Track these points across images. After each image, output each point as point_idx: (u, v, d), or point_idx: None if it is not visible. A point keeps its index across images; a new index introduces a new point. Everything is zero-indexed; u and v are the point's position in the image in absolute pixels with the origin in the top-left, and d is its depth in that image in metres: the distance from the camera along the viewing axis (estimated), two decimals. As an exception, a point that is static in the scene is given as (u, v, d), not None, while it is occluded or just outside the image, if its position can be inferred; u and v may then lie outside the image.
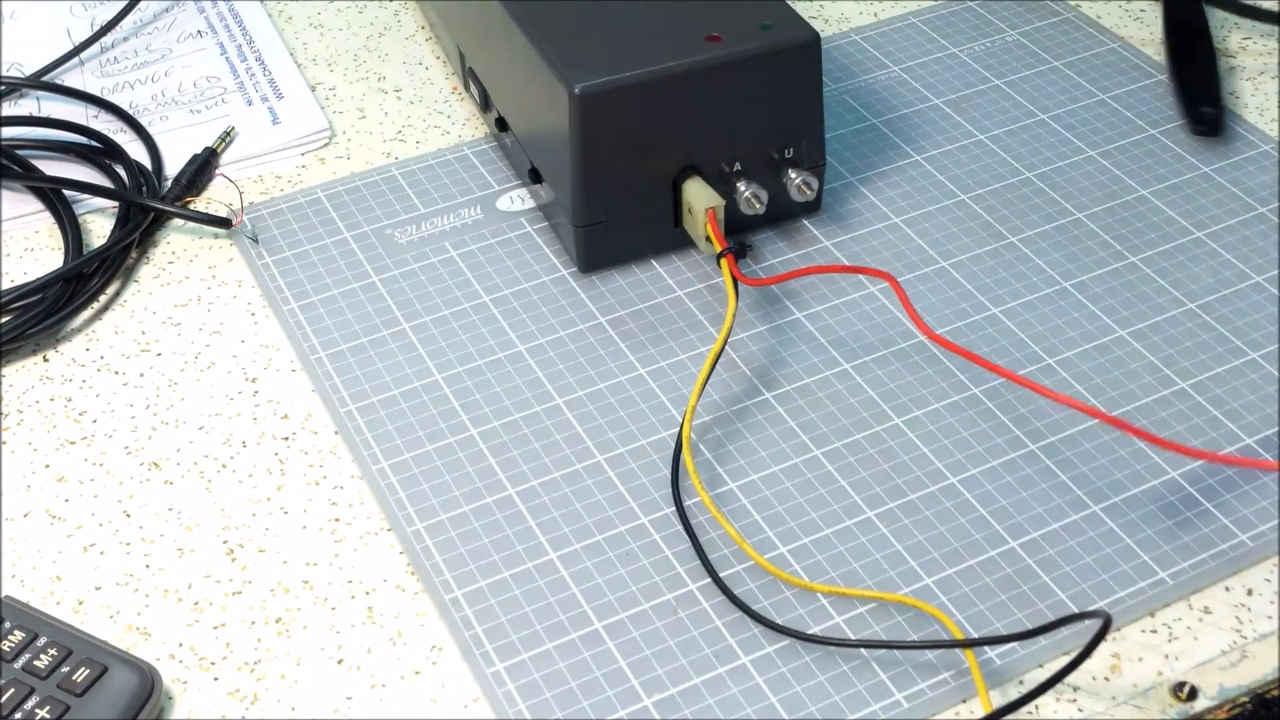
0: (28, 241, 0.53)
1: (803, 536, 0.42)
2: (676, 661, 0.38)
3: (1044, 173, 0.55)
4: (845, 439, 0.44)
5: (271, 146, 0.57)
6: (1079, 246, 0.51)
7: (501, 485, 0.43)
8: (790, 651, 0.39)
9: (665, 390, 0.46)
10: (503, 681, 0.38)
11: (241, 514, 0.43)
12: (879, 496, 0.43)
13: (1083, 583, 0.40)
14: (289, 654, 0.39)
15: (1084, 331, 0.48)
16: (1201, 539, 0.41)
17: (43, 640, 0.37)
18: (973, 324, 0.48)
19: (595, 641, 0.39)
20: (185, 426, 0.46)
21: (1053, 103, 0.58)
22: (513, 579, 0.41)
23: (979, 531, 0.42)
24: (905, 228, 0.52)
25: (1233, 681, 0.38)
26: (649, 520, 0.42)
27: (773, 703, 0.38)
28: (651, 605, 0.40)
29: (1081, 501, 0.42)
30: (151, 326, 0.50)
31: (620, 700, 0.38)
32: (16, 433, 0.46)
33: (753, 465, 0.44)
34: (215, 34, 0.63)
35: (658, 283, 0.50)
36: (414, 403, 0.46)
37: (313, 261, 0.52)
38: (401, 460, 0.44)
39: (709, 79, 0.47)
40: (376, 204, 0.54)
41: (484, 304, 0.50)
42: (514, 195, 0.54)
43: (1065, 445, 0.44)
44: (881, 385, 0.46)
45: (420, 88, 0.60)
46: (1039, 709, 0.37)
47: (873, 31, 0.62)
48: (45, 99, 0.59)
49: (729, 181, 0.49)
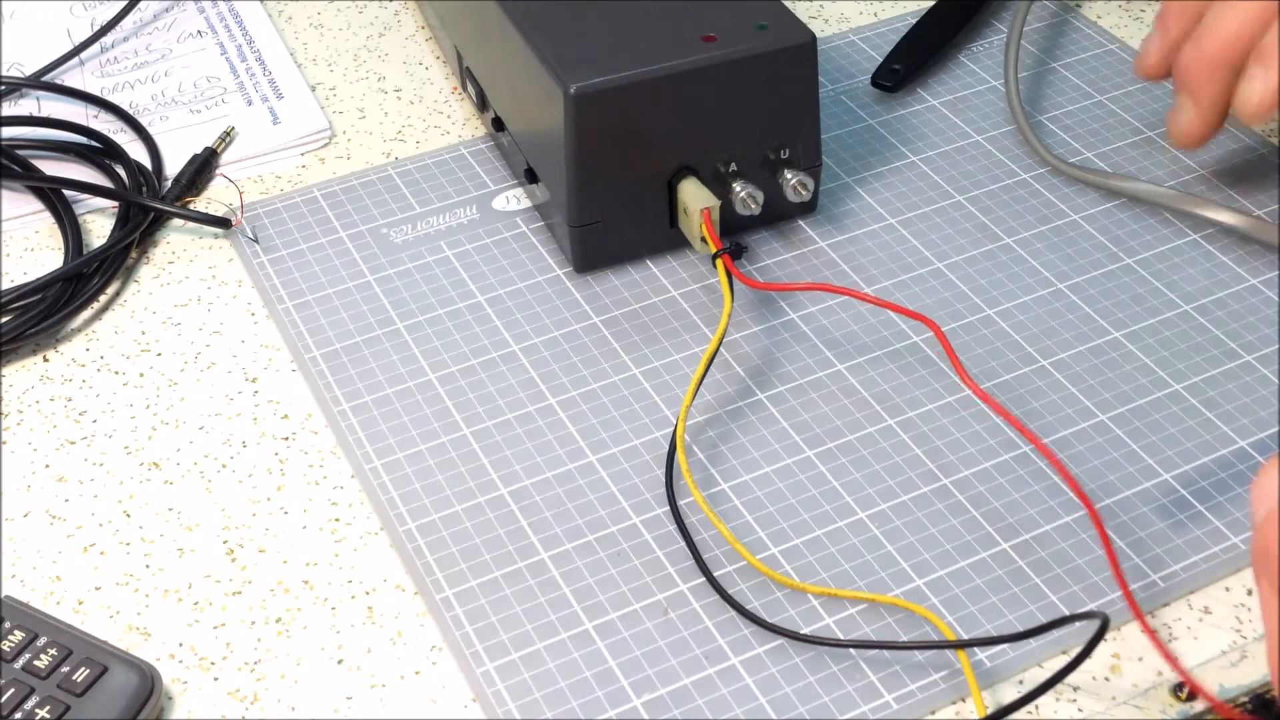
0: (28, 241, 0.54)
1: (795, 537, 0.42)
2: (667, 662, 0.39)
3: (1040, 174, 0.55)
4: (838, 439, 0.45)
5: (271, 146, 0.57)
6: (1074, 248, 0.52)
7: (494, 485, 0.44)
8: (780, 652, 0.39)
9: (659, 390, 0.47)
10: (493, 681, 0.38)
11: (241, 514, 0.43)
12: (871, 498, 0.43)
13: (1074, 584, 0.40)
14: (289, 654, 0.39)
15: (1078, 333, 0.48)
16: (1194, 541, 0.41)
17: (43, 640, 0.38)
18: (967, 325, 0.49)
19: (586, 641, 0.39)
20: (185, 426, 0.46)
21: (1050, 104, 0.58)
22: (504, 579, 0.41)
23: (972, 533, 0.42)
24: (900, 228, 0.53)
25: (1233, 681, 0.38)
26: (641, 520, 0.42)
27: (762, 703, 0.38)
28: (642, 605, 0.40)
29: (1074, 504, 0.43)
30: (151, 326, 0.50)
31: (610, 700, 0.38)
32: (16, 433, 0.46)
33: (746, 465, 0.44)
34: (215, 34, 0.64)
35: (652, 283, 0.51)
36: (408, 402, 0.46)
37: (308, 261, 0.52)
38: (394, 460, 0.44)
39: (705, 79, 0.48)
40: (373, 204, 0.54)
41: (479, 304, 0.50)
42: (510, 195, 0.54)
43: (1059, 446, 0.44)
44: (875, 386, 0.46)
45: (420, 88, 0.60)
46: (1039, 709, 0.38)
47: (871, 31, 0.62)
48: (45, 99, 0.60)
49: (724, 182, 0.49)
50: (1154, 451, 0.44)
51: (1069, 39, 0.62)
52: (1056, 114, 0.57)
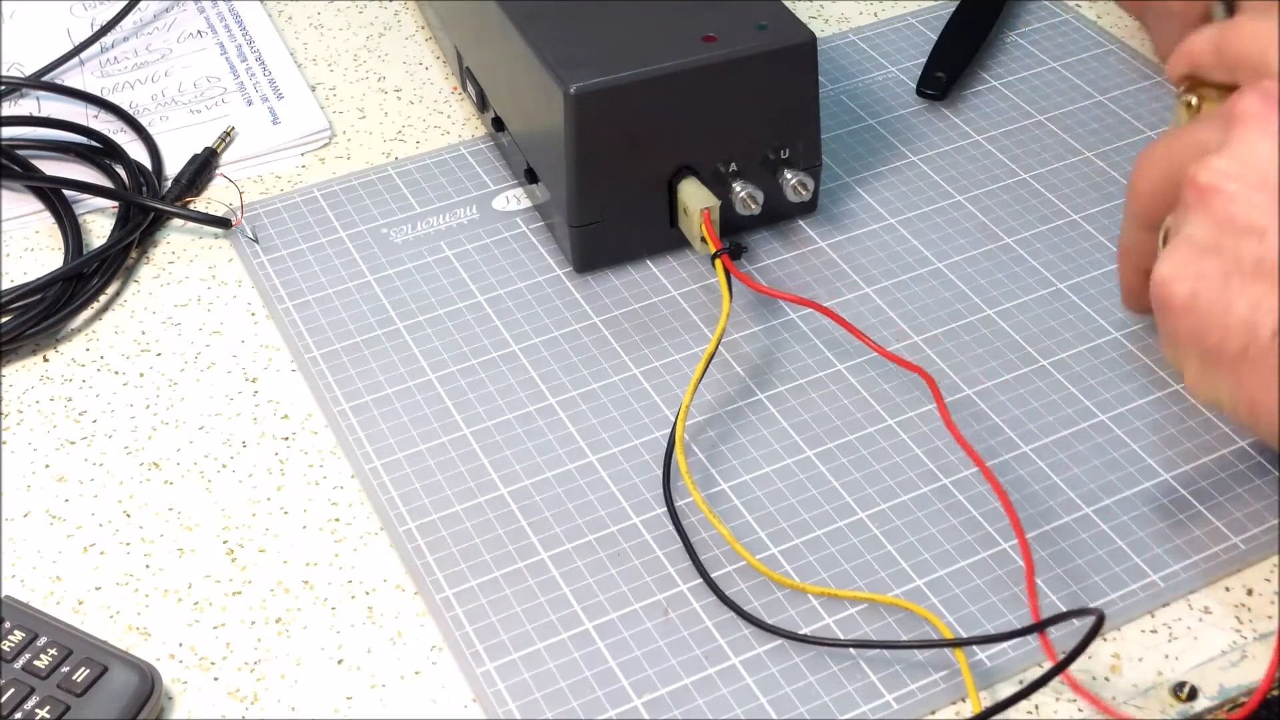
0: (28, 241, 0.54)
1: (794, 537, 0.42)
2: (667, 662, 0.39)
3: (1040, 174, 0.55)
4: (837, 440, 0.45)
5: (271, 146, 0.57)
6: (1074, 248, 0.52)
7: (494, 485, 0.44)
8: (780, 652, 0.39)
9: (659, 390, 0.47)
10: (493, 681, 0.38)
11: (241, 514, 0.43)
12: (871, 498, 0.43)
13: (1074, 584, 0.40)
14: (289, 654, 0.39)
15: (1078, 333, 0.48)
16: (1194, 541, 0.41)
17: (43, 640, 0.38)
18: (967, 325, 0.49)
19: (586, 641, 0.39)
20: (185, 426, 0.46)
21: (1050, 104, 0.58)
22: (504, 579, 0.41)
23: (971, 533, 0.42)
24: (901, 228, 0.53)
25: (1233, 681, 0.38)
26: (641, 520, 0.42)
27: (763, 703, 0.38)
28: (642, 605, 0.40)
29: (1074, 504, 0.43)
30: (151, 326, 0.50)
31: (610, 700, 0.38)
32: (16, 433, 0.46)
33: (745, 465, 0.44)
34: (215, 34, 0.64)
35: (652, 283, 0.51)
36: (408, 402, 0.46)
37: (309, 261, 0.52)
38: (394, 459, 0.44)
39: (705, 79, 0.48)
40: (373, 204, 0.54)
41: (479, 304, 0.50)
42: (510, 195, 0.54)
43: (1060, 447, 0.44)
44: (875, 386, 0.46)
45: (420, 88, 0.60)
46: (1039, 709, 0.38)
47: (871, 31, 0.62)
48: (45, 99, 0.60)
49: (724, 182, 0.49)
50: (1154, 451, 0.44)
51: (1069, 39, 0.62)
52: (1057, 114, 0.57)
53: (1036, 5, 0.63)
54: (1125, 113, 0.57)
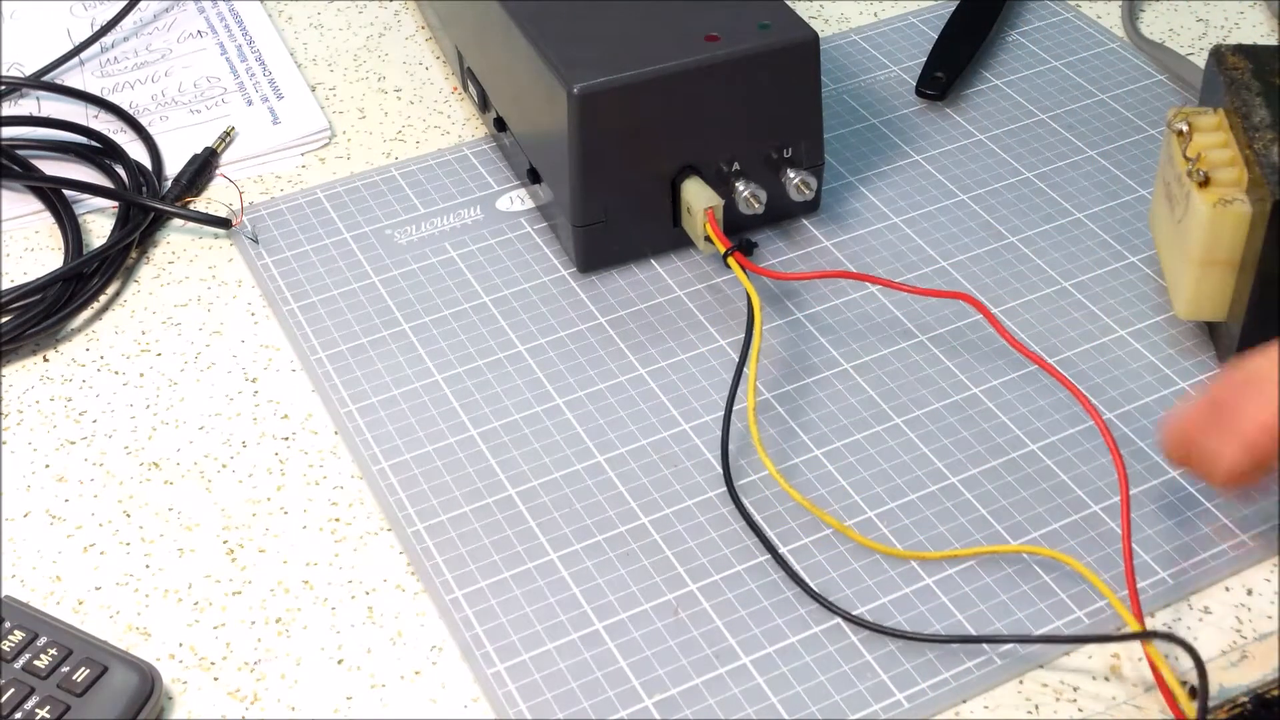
0: (28, 241, 0.53)
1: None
2: (677, 662, 0.39)
3: (1043, 173, 0.55)
4: (845, 439, 0.44)
5: (271, 146, 0.57)
6: (1078, 246, 0.52)
7: (501, 485, 0.43)
8: (790, 651, 0.39)
9: (665, 390, 0.46)
10: (503, 682, 0.38)
11: (241, 514, 0.43)
12: (879, 496, 0.43)
13: (1081, 582, 0.40)
14: (289, 654, 0.39)
15: (1084, 331, 0.48)
16: (1195, 540, 0.41)
17: (43, 640, 0.37)
18: (973, 324, 0.48)
19: (596, 642, 0.39)
20: (185, 426, 0.46)
21: (1052, 103, 0.58)
22: (513, 579, 0.41)
23: (980, 531, 0.42)
24: (904, 227, 0.52)
25: (1233, 681, 0.38)
26: (650, 520, 0.42)
27: (773, 703, 0.38)
28: (652, 605, 0.40)
29: (1080, 501, 0.42)
30: (151, 326, 0.50)
31: (621, 701, 0.38)
32: (16, 433, 0.46)
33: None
34: (215, 34, 0.63)
35: (657, 282, 0.50)
36: (414, 403, 0.46)
37: (312, 262, 0.52)
38: (401, 460, 0.44)
39: (708, 79, 0.47)
40: (376, 204, 0.54)
41: (484, 304, 0.50)
42: (513, 195, 0.54)
43: (1066, 445, 0.44)
44: (881, 385, 0.46)
45: (420, 88, 0.60)
46: (1039, 709, 0.37)
47: (872, 31, 0.62)
48: (45, 99, 0.59)
49: (728, 181, 0.49)
50: (1158, 450, 0.44)
51: (1069, 38, 0.62)
52: (1058, 112, 0.57)
53: (1037, 4, 0.63)
54: (1127, 111, 0.58)
